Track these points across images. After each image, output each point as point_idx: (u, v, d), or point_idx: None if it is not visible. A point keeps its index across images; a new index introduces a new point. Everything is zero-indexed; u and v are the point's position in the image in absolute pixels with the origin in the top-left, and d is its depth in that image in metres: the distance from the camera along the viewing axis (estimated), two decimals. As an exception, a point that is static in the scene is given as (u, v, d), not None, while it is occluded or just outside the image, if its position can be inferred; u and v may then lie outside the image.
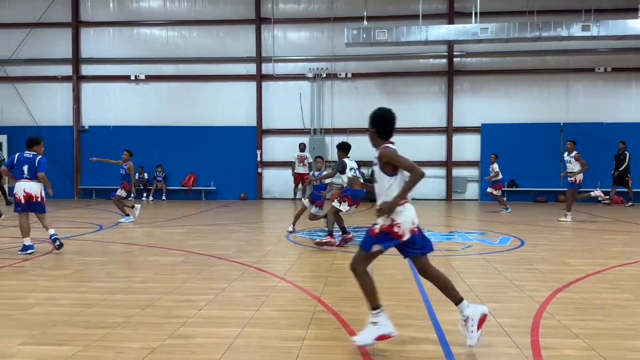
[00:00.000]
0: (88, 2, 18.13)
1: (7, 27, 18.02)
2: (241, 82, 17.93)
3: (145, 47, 18.06)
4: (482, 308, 3.57)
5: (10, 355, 3.42)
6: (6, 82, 18.22)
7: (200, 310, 4.44)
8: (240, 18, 17.76)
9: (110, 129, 18.07)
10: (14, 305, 4.60)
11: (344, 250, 7.53)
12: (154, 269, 6.23)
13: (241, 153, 17.86)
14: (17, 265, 6.42)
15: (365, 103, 17.63)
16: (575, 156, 11.40)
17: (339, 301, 4.73)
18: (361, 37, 15.09)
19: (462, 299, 3.60)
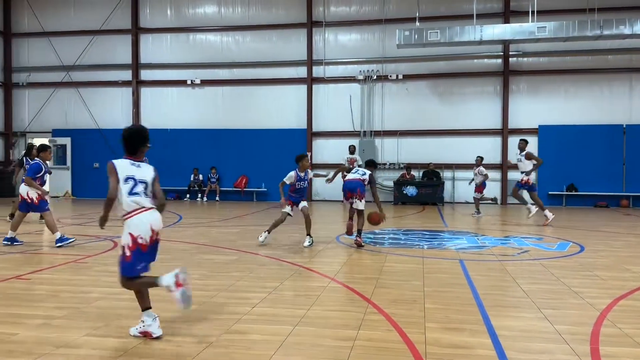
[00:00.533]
0: (147, 9, 18.88)
1: (72, 34, 19.03)
2: (292, 85, 18.16)
3: (201, 52, 18.61)
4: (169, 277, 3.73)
5: (77, 345, 3.62)
6: (70, 87, 19.22)
7: (253, 308, 4.54)
8: (292, 22, 18.00)
9: (167, 131, 18.71)
10: (80, 299, 4.86)
11: (395, 253, 7.49)
12: (209, 267, 6.42)
13: (292, 155, 17.96)
14: (81, 261, 6.77)
15: (417, 104, 17.48)
16: (527, 155, 11.13)
17: (389, 303, 4.72)
18: (413, 38, 14.96)
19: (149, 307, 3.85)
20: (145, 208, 3.85)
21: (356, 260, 6.99)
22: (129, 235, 3.77)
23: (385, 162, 17.65)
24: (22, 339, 3.72)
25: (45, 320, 4.17)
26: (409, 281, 5.63)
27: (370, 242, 8.42)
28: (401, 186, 16.63)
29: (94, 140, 18.95)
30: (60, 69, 19.16)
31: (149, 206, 3.89)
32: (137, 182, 3.89)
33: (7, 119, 19.64)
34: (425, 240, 8.70)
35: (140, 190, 3.88)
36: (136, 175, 3.89)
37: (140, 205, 3.84)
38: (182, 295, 3.69)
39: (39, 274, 5.98)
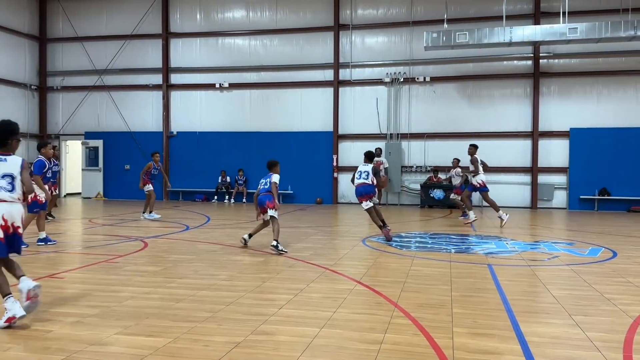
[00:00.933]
0: (177, 14, 19.21)
1: (105, 39, 19.49)
2: (318, 88, 18.22)
3: (229, 56, 18.84)
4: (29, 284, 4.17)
5: (108, 343, 3.71)
6: (103, 91, 19.69)
7: (280, 309, 4.57)
8: (319, 25, 18.07)
9: (196, 134, 18.99)
10: (111, 298, 4.98)
11: (422, 257, 7.44)
12: (237, 268, 6.49)
13: (317, 158, 18.12)
14: (112, 261, 6.93)
15: (444, 107, 17.32)
16: (472, 159, 11.47)
17: (416, 307, 4.69)
18: (441, 40, 14.83)
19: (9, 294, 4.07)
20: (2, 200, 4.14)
21: (382, 263, 6.97)
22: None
23: (412, 165, 17.53)
24: (56, 336, 3.83)
25: (78, 318, 4.29)
26: (436, 285, 5.58)
27: (396, 246, 8.38)
28: (428, 189, 16.49)
29: (125, 142, 19.36)
30: (93, 73, 19.65)
31: (6, 199, 4.16)
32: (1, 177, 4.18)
33: (41, 121, 20.22)
34: (453, 244, 8.61)
35: (2, 184, 4.17)
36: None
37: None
38: (28, 307, 4.17)
39: (72, 273, 6.14)
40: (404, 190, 17.63)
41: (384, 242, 8.72)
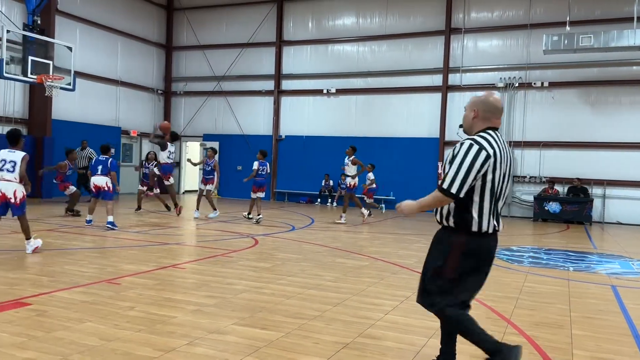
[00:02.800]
0: (290, 23, 19.94)
1: (224, 47, 20.74)
2: (425, 94, 17.91)
3: (338, 62, 19.17)
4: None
5: (226, 332, 3.96)
6: (220, 96, 20.96)
7: (386, 315, 4.58)
8: (430, 30, 17.78)
9: (303, 138, 19.55)
10: (227, 290, 5.30)
11: (536, 273, 7.03)
12: (341, 270, 6.59)
13: (422, 164, 17.79)
14: (227, 255, 7.36)
15: (563, 114, 16.22)
16: (353, 160, 12.33)
17: (532, 325, 4.45)
18: (562, 43, 13.92)
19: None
20: (3, 178, 6.54)
21: (493, 277, 6.62)
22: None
23: (525, 175, 16.60)
24: (180, 322, 4.16)
25: (198, 307, 4.62)
26: (553, 304, 5.26)
27: (507, 260, 8.00)
28: (542, 202, 15.50)
29: (238, 144, 20.44)
30: (212, 79, 21.00)
31: (7, 178, 6.54)
32: (7, 161, 6.60)
33: (166, 124, 22.01)
34: (571, 262, 8.04)
35: (8, 166, 6.57)
36: (7, 157, 6.63)
37: (2, 177, 6.54)
38: None
39: (192, 264, 6.62)
40: (515, 201, 16.76)
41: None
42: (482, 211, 2.92)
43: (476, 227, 2.93)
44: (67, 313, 4.24)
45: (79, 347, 3.48)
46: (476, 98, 3.11)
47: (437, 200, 2.93)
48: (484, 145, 2.88)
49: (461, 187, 2.84)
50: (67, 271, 5.88)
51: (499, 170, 2.90)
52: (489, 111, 3.03)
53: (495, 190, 2.93)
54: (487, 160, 2.86)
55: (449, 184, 2.86)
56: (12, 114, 15.85)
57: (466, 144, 2.91)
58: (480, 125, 3.04)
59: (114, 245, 7.85)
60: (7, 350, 3.37)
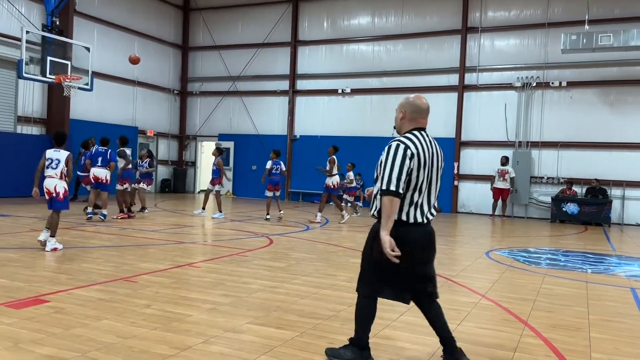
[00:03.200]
0: (306, 23, 19.96)
1: (239, 47, 20.84)
2: (441, 94, 17.79)
3: (353, 62, 19.14)
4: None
5: (242, 331, 3.97)
6: (235, 96, 21.06)
7: (401, 316, 4.56)
8: (446, 29, 17.67)
9: (317, 138, 19.55)
10: (242, 289, 5.32)
11: (554, 275, 6.95)
12: (356, 271, 6.50)
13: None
14: (242, 254, 7.39)
15: (582, 114, 16.01)
16: (330, 160, 12.29)
17: (549, 328, 4.40)
18: (581, 42, 13.74)
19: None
20: (49, 175, 7.13)
21: (509, 278, 6.62)
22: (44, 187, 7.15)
23: (543, 176, 16.41)
24: (195, 320, 4.19)
25: (213, 305, 4.65)
26: (571, 306, 5.19)
27: (524, 261, 7.92)
28: (560, 203, 15.30)
29: (253, 144, 20.53)
30: (227, 79, 21.11)
31: (52, 175, 7.12)
32: (53, 160, 7.18)
33: (181, 123, 22.16)
34: (589, 264, 7.92)
35: (53, 165, 7.15)
36: (53, 156, 7.19)
37: (49, 174, 7.13)
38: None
39: (207, 263, 6.66)
40: (532, 202, 16.58)
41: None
42: (410, 204, 3.20)
43: (404, 217, 3.20)
44: (84, 310, 4.29)
45: (96, 344, 3.52)
46: (404, 100, 3.37)
47: (389, 204, 3.10)
48: (408, 144, 3.18)
49: (398, 184, 3.09)
50: (84, 269, 5.95)
51: (423, 167, 3.18)
52: (415, 112, 3.31)
53: (420, 185, 3.21)
54: (412, 158, 3.14)
55: (388, 184, 3.10)
56: (31, 113, 16.11)
57: (393, 145, 3.21)
58: (408, 126, 3.34)
59: (130, 244, 7.93)
60: (27, 347, 3.43)
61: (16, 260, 6.26)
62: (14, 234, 8.39)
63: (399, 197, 3.10)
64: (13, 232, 8.58)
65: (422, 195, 3.24)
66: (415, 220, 3.23)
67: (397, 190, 3.08)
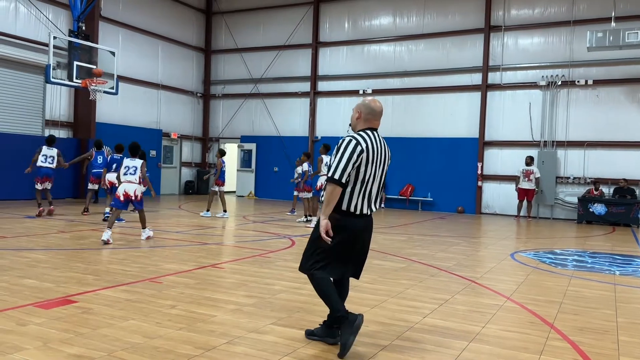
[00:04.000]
0: (327, 24, 19.98)
1: (261, 50, 20.97)
2: (464, 93, 17.62)
3: (374, 62, 19.09)
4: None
5: (265, 332, 4.00)
6: (257, 98, 21.20)
7: (424, 318, 4.53)
8: (468, 28, 17.49)
9: (338, 139, 19.51)
10: (265, 290, 5.35)
11: (581, 277, 6.82)
12: (378, 272, 6.56)
13: (460, 165, 17.52)
14: (264, 255, 7.44)
15: (609, 113, 15.67)
16: (319, 159, 11.95)
17: (576, 331, 4.32)
18: (607, 40, 13.45)
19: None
20: (128, 181, 8.33)
21: (534, 280, 6.52)
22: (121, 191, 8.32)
23: (569, 176, 16.11)
24: (219, 321, 4.23)
25: (237, 306, 4.69)
26: (598, 309, 5.08)
27: (550, 263, 7.79)
28: (587, 203, 15.00)
29: (275, 146, 20.63)
30: (249, 81, 21.26)
31: (131, 180, 8.33)
32: (130, 167, 8.39)
33: (204, 125, 22.40)
34: (617, 266, 7.75)
35: (131, 171, 8.37)
36: (130, 164, 8.42)
37: (127, 179, 8.34)
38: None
39: (231, 264, 6.72)
40: (558, 203, 16.28)
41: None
42: (352, 195, 3.53)
43: (345, 207, 3.54)
44: (111, 311, 4.37)
45: (123, 344, 3.58)
46: (361, 102, 3.72)
47: (330, 191, 3.45)
48: (359, 141, 3.48)
49: (342, 174, 3.42)
50: (110, 270, 6.06)
51: (371, 163, 3.52)
52: (369, 113, 3.65)
53: (366, 179, 3.54)
54: (361, 153, 3.46)
55: (334, 172, 3.44)
56: (58, 117, 16.49)
57: (346, 140, 3.50)
58: (362, 125, 3.65)
59: (155, 245, 8.05)
60: (56, 346, 3.51)
61: (45, 261, 6.41)
62: (42, 235, 8.59)
63: (342, 186, 3.44)
64: (41, 233, 8.78)
65: (368, 189, 3.57)
66: (361, 211, 3.57)
67: (340, 179, 3.42)
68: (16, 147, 14.62)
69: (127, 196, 8.29)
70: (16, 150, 14.53)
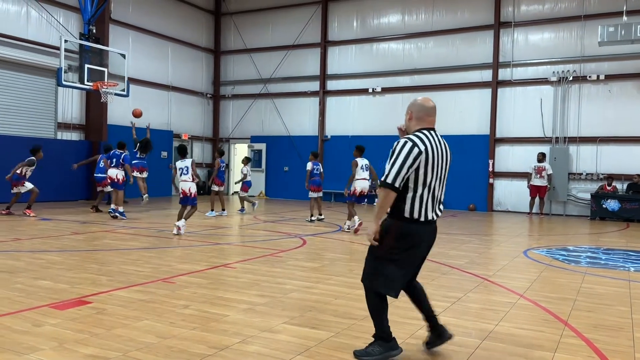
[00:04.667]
0: (335, 23, 19.97)
1: (270, 50, 21.01)
2: (474, 90, 17.52)
3: (383, 61, 19.04)
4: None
5: (277, 331, 4.01)
6: (267, 98, 21.24)
7: (437, 316, 4.50)
8: (478, 25, 17.39)
9: (348, 138, 19.52)
10: (277, 289, 5.36)
11: (594, 273, 6.76)
12: (390, 271, 6.53)
13: (471, 162, 17.40)
14: (276, 255, 7.46)
15: (622, 108, 15.50)
16: (353, 162, 10.74)
17: (590, 328, 4.28)
18: (619, 34, 13.30)
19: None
20: (184, 180, 9.15)
21: (548, 277, 6.47)
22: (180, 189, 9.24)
23: (581, 172, 15.96)
24: (232, 320, 4.25)
25: (249, 305, 4.70)
26: (613, 306, 5.03)
27: (563, 260, 7.72)
28: (600, 199, 14.84)
29: (285, 146, 20.66)
30: (258, 81, 21.31)
31: (186, 179, 9.17)
32: (183, 168, 9.17)
33: (215, 126, 22.49)
34: (632, 262, 7.67)
35: (184, 171, 9.18)
36: (182, 165, 9.22)
37: (183, 179, 9.14)
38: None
39: (242, 264, 6.75)
40: (570, 199, 16.14)
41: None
42: (415, 200, 3.29)
43: (408, 214, 3.30)
44: (125, 311, 4.41)
45: (137, 344, 3.61)
46: (411, 102, 3.59)
47: (384, 196, 3.26)
48: (416, 142, 3.28)
49: (396, 178, 3.22)
50: (124, 270, 6.11)
51: (432, 165, 3.29)
52: (420, 111, 3.49)
53: (429, 182, 3.31)
54: (419, 156, 3.24)
55: (387, 177, 3.25)
56: (70, 120, 16.64)
57: (401, 142, 3.31)
58: (416, 125, 3.47)
59: (167, 245, 8.10)
60: (71, 347, 3.55)
61: (59, 263, 6.48)
62: (56, 237, 8.68)
63: (396, 191, 3.24)
64: (55, 235, 8.88)
65: (431, 193, 3.34)
66: (426, 217, 3.33)
67: (393, 184, 3.22)
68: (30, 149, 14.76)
69: (184, 193, 9.17)
70: (29, 153, 14.67)
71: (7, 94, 14.98)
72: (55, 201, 14.86)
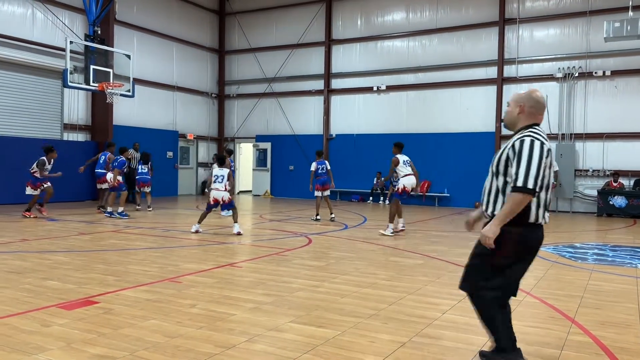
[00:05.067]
0: (339, 22, 19.95)
1: (274, 49, 21.02)
2: (479, 87, 17.47)
3: (387, 58, 19.01)
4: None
5: (284, 330, 4.02)
6: (271, 97, 21.26)
7: (443, 314, 4.51)
8: (483, 21, 17.32)
9: (353, 137, 19.52)
10: (283, 288, 5.37)
11: (601, 270, 6.73)
12: (396, 269, 6.54)
13: (477, 160, 17.33)
14: (282, 254, 7.47)
15: (628, 104, 15.41)
16: (393, 160, 10.04)
17: (597, 325, 4.27)
18: (625, 29, 13.20)
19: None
20: (216, 188, 9.40)
21: (555, 275, 6.45)
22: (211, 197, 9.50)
23: (588, 169, 15.89)
24: (239, 319, 4.26)
25: (256, 304, 4.72)
26: (620, 303, 5.01)
27: (570, 257, 7.69)
28: (607, 196, 14.77)
29: (289, 145, 20.68)
30: (263, 81, 21.33)
31: (219, 187, 9.38)
32: (219, 176, 9.43)
33: (220, 126, 22.53)
34: (639, 259, 7.63)
35: (219, 180, 9.41)
36: (218, 173, 9.48)
37: (215, 187, 9.40)
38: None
39: (248, 263, 6.77)
40: (577, 196, 16.07)
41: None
42: (538, 203, 3.02)
43: (533, 218, 3.03)
44: (132, 311, 4.44)
45: (144, 344, 3.63)
46: (521, 94, 3.21)
47: (517, 202, 2.92)
48: (544, 141, 3.00)
49: (536, 181, 2.89)
50: (131, 270, 6.14)
51: (549, 165, 3.02)
52: (533, 106, 3.14)
53: (546, 184, 3.02)
54: (549, 154, 2.98)
55: (525, 181, 2.88)
56: (76, 120, 16.72)
57: (528, 141, 2.97)
58: (526, 121, 3.14)
59: (174, 245, 8.13)
60: (79, 347, 3.57)
61: (67, 263, 6.52)
62: (63, 237, 8.73)
63: (534, 196, 2.92)
64: (62, 235, 8.93)
65: (548, 194, 3.07)
66: (544, 221, 3.08)
67: (534, 188, 2.88)
68: (36, 151, 14.84)
69: (215, 201, 9.47)
70: (36, 154, 14.73)
71: (13, 96, 15.07)
72: (62, 202, 14.93)
